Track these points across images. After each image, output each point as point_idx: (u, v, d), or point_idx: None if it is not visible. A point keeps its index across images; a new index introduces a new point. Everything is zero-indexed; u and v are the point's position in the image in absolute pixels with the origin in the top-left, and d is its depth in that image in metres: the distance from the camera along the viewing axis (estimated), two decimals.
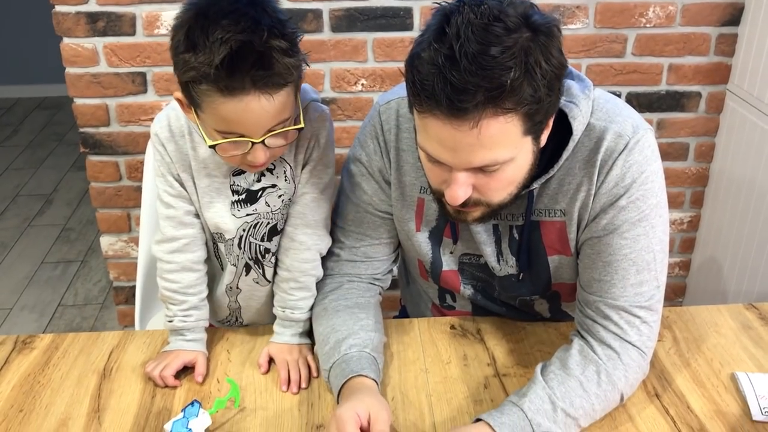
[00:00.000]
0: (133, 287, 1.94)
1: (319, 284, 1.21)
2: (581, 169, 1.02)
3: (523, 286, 1.16)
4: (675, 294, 2.29)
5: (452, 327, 1.27)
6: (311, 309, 1.21)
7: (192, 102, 1.00)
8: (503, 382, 1.14)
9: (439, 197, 1.00)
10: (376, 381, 1.05)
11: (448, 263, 1.19)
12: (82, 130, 1.99)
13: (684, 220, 2.25)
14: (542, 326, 1.26)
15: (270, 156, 1.04)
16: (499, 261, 1.14)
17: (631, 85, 2.05)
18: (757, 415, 1.04)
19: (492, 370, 1.17)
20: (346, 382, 1.03)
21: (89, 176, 2.06)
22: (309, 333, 1.21)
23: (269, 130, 1.00)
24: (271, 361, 1.19)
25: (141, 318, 1.62)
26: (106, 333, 1.27)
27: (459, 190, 0.92)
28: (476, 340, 1.24)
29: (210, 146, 1.01)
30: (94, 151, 2.02)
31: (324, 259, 1.22)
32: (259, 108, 0.96)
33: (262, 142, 1.00)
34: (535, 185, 1.03)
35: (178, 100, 1.04)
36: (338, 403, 1.03)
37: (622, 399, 1.03)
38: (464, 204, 0.95)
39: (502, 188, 0.95)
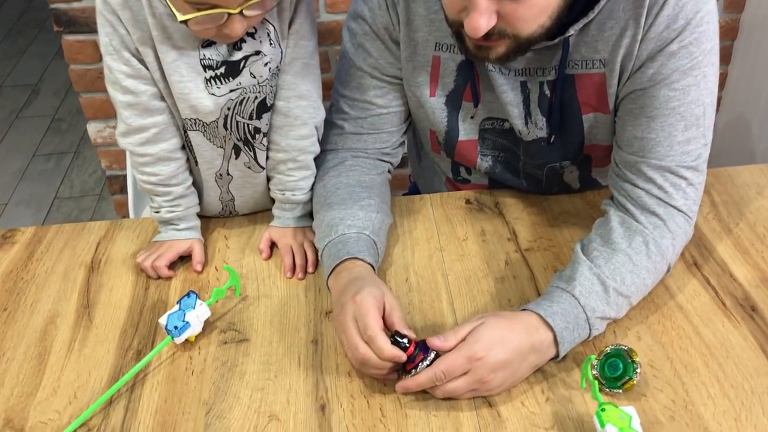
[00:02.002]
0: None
1: (320, 160, 1.08)
2: (626, 11, 0.88)
3: (553, 150, 1.04)
4: None
5: (467, 202, 1.16)
6: (313, 188, 1.10)
7: None
8: (526, 257, 1.04)
9: (456, 30, 0.86)
10: (373, 266, 0.95)
11: (467, 132, 1.07)
12: (52, 6, 1.81)
13: None
14: (567, 196, 1.15)
15: (247, 26, 0.89)
16: (527, 123, 1.01)
17: None
18: None
19: (513, 245, 1.07)
20: (340, 263, 0.93)
21: (67, 58, 1.90)
22: (312, 213, 1.11)
23: None
24: (272, 246, 1.09)
25: (135, 207, 1.52)
26: (93, 223, 1.17)
27: (481, 19, 0.78)
28: (494, 214, 1.13)
29: (181, 21, 0.86)
30: (68, 29, 1.85)
31: (326, 133, 1.09)
32: None
33: (240, 12, 0.86)
34: (571, 31, 0.88)
35: None
36: (328, 286, 0.95)
37: (668, 269, 0.94)
38: (487, 36, 0.81)
39: (532, 17, 0.81)
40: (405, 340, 0.82)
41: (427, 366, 0.80)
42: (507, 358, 0.81)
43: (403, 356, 0.80)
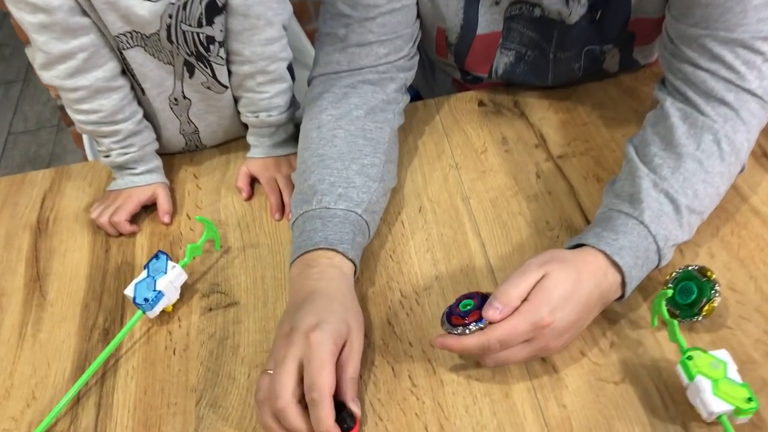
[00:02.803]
0: None
1: (314, 90, 0.85)
2: None
3: (596, 31, 0.84)
4: None
5: (481, 104, 0.97)
6: (292, 104, 0.90)
7: None
8: (560, 166, 0.86)
9: None
10: (355, 266, 0.74)
11: (488, 23, 0.86)
12: None
13: None
14: (598, 84, 0.96)
15: None
16: (568, 2, 0.81)
17: None
18: None
19: (543, 153, 0.89)
20: (312, 251, 0.72)
21: None
22: (296, 137, 0.92)
23: None
24: (253, 182, 0.90)
25: (92, 144, 1.31)
26: (34, 173, 0.97)
27: None
28: (515, 116, 0.94)
29: None
30: None
31: (320, 51, 0.86)
32: None
33: None
34: None
35: None
36: (291, 270, 0.73)
37: (743, 170, 0.76)
38: None
39: None
40: (349, 422, 0.63)
41: (480, 329, 0.64)
42: (576, 318, 0.64)
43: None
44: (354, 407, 0.63)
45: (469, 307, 0.65)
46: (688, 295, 0.69)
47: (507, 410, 0.65)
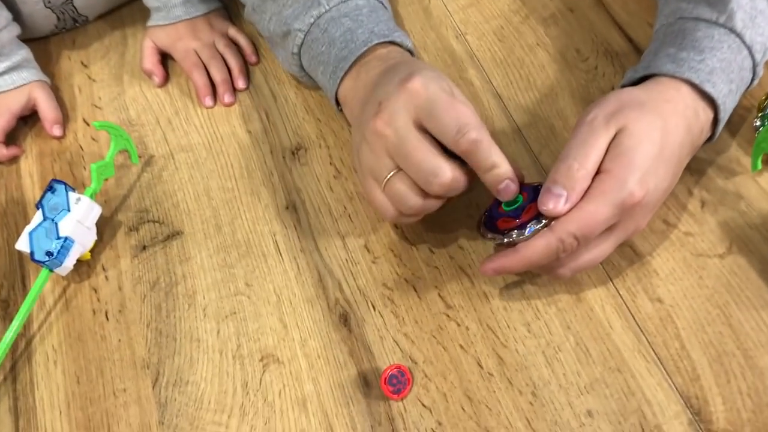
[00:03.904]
0: None
1: None
2: None
3: None
4: None
5: None
6: None
7: None
8: None
9: None
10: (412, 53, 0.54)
11: None
12: None
13: None
14: None
15: None
16: None
17: None
18: None
19: None
20: (360, 57, 0.52)
21: None
22: None
23: None
24: (165, 59, 0.66)
25: None
26: None
27: None
28: None
29: None
30: None
31: None
32: None
33: None
34: None
35: None
36: (337, 100, 0.54)
37: None
38: None
39: None
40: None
41: (543, 227, 0.44)
42: (670, 182, 0.45)
43: (511, 173, 0.44)
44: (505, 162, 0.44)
45: (517, 204, 0.45)
46: None
47: (583, 320, 0.47)
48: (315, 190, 0.56)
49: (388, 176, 0.45)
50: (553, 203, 0.42)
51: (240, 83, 0.62)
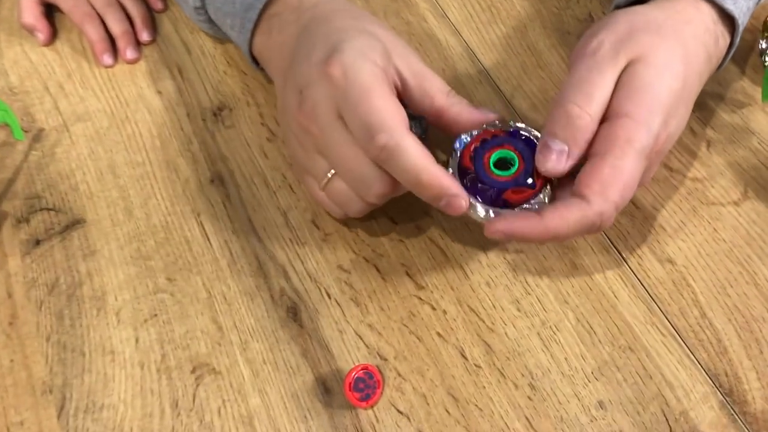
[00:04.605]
0: None
1: None
2: None
3: None
4: None
5: None
6: None
7: None
8: None
9: None
10: None
11: None
12: None
13: None
14: None
15: None
16: None
17: None
18: None
19: None
20: (267, 7, 0.42)
21: None
22: None
23: None
24: (51, 11, 0.54)
25: None
26: None
27: None
28: None
29: None
30: None
31: None
32: None
33: None
34: None
35: None
36: (252, 55, 0.45)
37: None
38: None
39: None
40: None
41: (549, 199, 0.35)
42: (686, 118, 0.37)
43: (452, 186, 0.35)
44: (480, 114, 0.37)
45: (515, 168, 0.36)
46: None
47: (583, 292, 0.39)
48: (245, 157, 0.46)
49: (327, 178, 0.36)
50: (552, 162, 0.34)
51: (144, 35, 0.52)
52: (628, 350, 0.37)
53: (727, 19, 0.39)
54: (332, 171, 0.36)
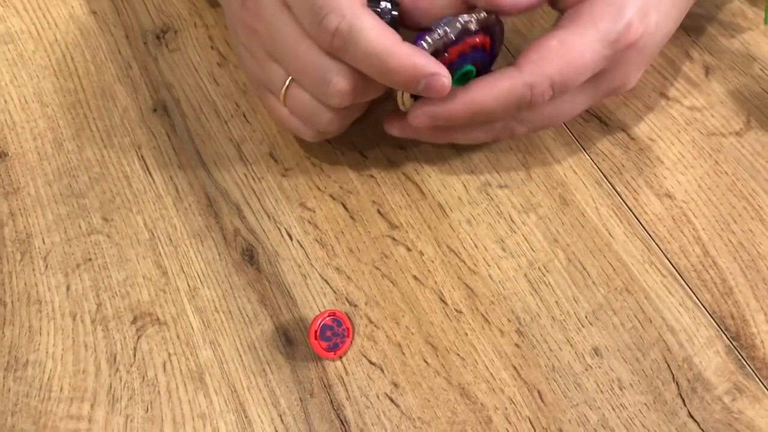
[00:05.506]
0: None
1: None
2: None
3: None
4: None
5: None
6: None
7: None
8: None
9: None
10: None
11: None
12: None
13: None
14: None
15: None
16: None
17: None
18: None
19: None
20: None
21: None
22: None
23: None
24: None
25: None
26: None
27: None
28: None
29: None
30: None
31: None
32: None
33: None
34: None
35: None
36: None
37: None
38: None
39: None
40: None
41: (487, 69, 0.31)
42: (672, 25, 0.34)
43: (429, 64, 0.30)
44: None
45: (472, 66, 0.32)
46: None
47: (574, 229, 0.35)
48: (193, 83, 0.41)
49: (284, 86, 0.31)
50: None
51: None
52: (624, 292, 0.34)
53: None
54: (289, 78, 0.31)
